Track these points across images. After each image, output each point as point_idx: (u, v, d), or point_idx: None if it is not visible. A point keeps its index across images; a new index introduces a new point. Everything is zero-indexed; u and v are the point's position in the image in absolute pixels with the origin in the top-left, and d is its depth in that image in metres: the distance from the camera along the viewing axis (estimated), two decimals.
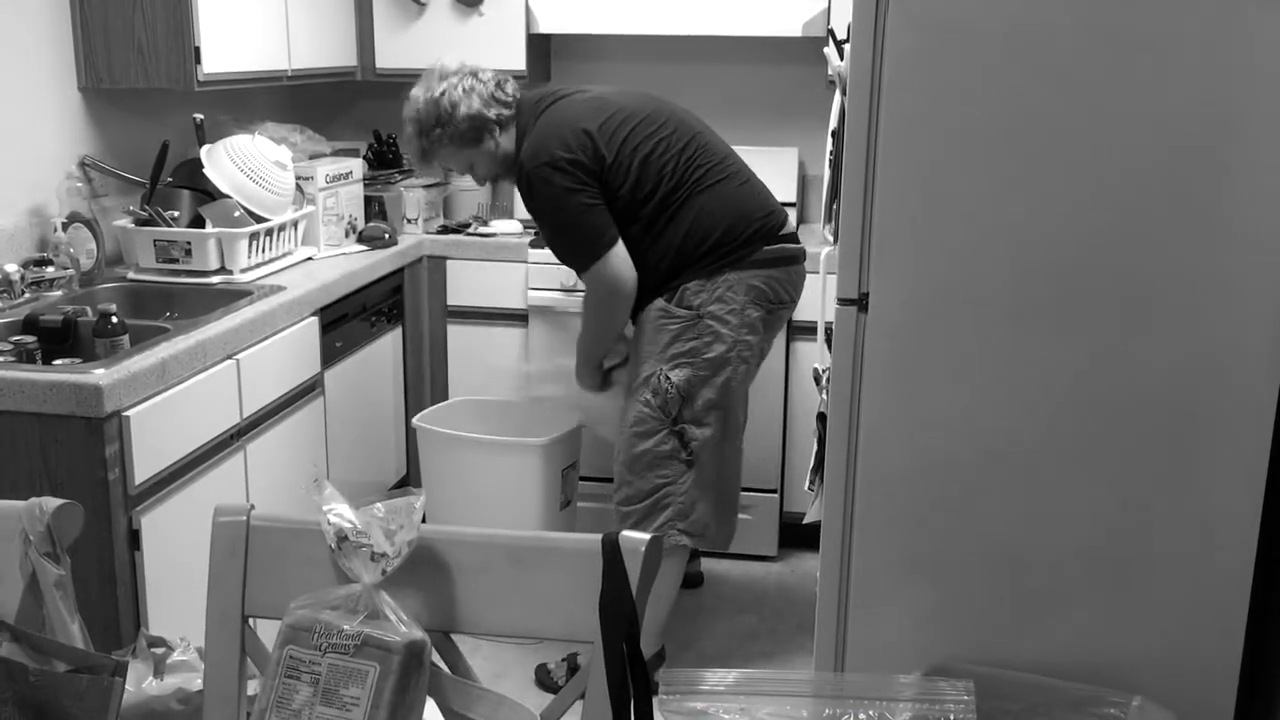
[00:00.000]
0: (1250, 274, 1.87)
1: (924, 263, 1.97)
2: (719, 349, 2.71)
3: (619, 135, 2.70)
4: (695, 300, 2.71)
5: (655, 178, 2.69)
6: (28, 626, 1.27)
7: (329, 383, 3.13)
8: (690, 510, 2.78)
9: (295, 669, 1.16)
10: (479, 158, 2.85)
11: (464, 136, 2.79)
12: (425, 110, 2.81)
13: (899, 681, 1.38)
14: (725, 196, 2.74)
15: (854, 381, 2.03)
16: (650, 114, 2.76)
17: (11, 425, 2.18)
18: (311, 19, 3.57)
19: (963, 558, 2.04)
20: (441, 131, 2.80)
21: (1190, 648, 2.00)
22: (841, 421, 2.06)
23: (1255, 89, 1.81)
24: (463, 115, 2.76)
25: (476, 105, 2.76)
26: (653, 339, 2.75)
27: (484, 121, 2.78)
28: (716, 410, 2.75)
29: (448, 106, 2.77)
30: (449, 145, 2.83)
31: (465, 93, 2.77)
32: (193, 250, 2.98)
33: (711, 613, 3.40)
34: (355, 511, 1.19)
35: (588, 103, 2.77)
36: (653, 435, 2.75)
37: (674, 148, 2.72)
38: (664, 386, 2.72)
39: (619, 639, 1.17)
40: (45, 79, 2.92)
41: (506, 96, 2.81)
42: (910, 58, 1.90)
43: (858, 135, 1.96)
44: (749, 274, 2.74)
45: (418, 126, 2.84)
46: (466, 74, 2.81)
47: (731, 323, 2.72)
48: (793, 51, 3.92)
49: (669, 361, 2.72)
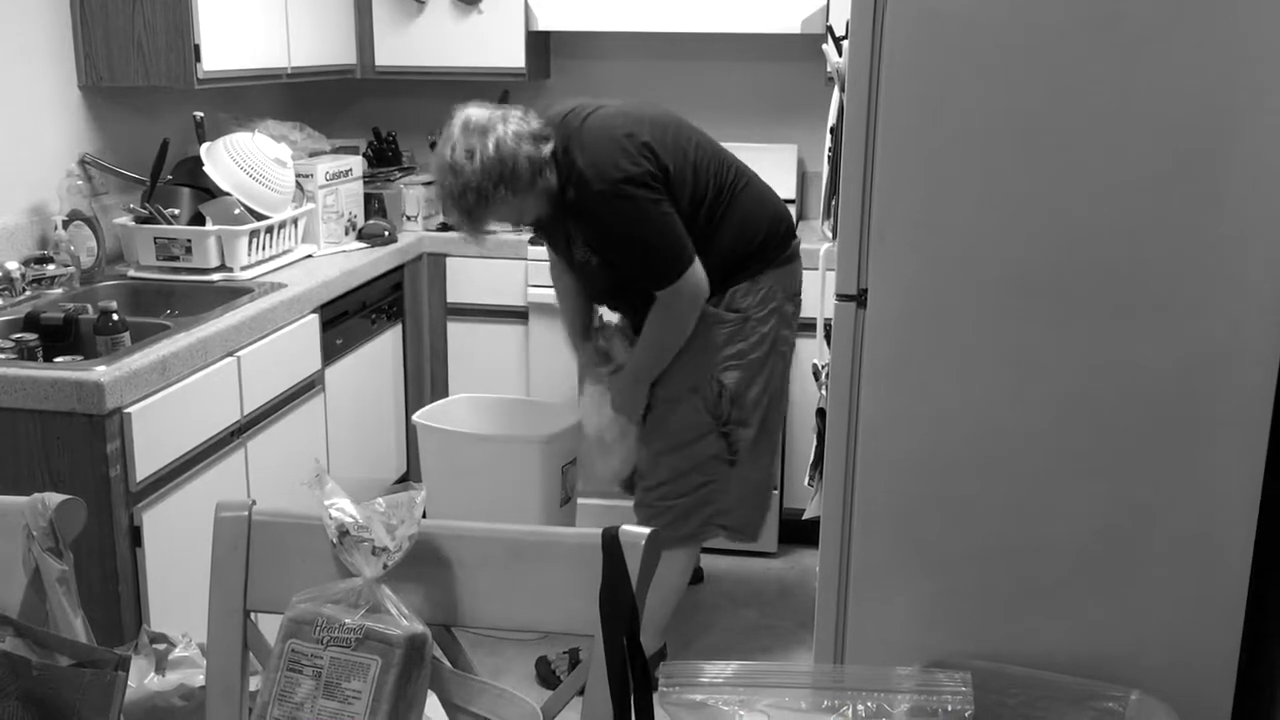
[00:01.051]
0: (1249, 270, 1.87)
1: (923, 259, 1.97)
2: (764, 348, 2.74)
3: (668, 145, 2.61)
4: (744, 303, 2.72)
5: (704, 185, 2.64)
6: (31, 621, 1.28)
7: (329, 380, 3.14)
8: (735, 507, 2.81)
9: (297, 663, 1.17)
10: (532, 201, 2.62)
11: (526, 185, 2.55)
12: (486, 173, 2.52)
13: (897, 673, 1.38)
14: (758, 197, 2.77)
15: (853, 377, 2.04)
16: (675, 123, 2.69)
17: (13, 422, 2.19)
18: (311, 17, 3.57)
19: (962, 553, 2.05)
20: (506, 190, 2.54)
21: (1188, 642, 2.01)
22: (841, 417, 2.06)
23: (1255, 84, 1.81)
24: (524, 164, 2.52)
25: (530, 148, 2.54)
26: (703, 344, 2.72)
27: (540, 162, 2.55)
28: (759, 408, 2.77)
29: (509, 161, 2.51)
30: (510, 200, 2.57)
31: (516, 139, 2.53)
32: (193, 248, 2.99)
33: (712, 609, 3.41)
34: (356, 506, 1.19)
35: (624, 115, 2.63)
36: (702, 438, 2.75)
37: (706, 153, 2.68)
38: (716, 390, 2.72)
39: (619, 633, 1.17)
40: (45, 77, 2.93)
41: (545, 130, 2.59)
42: (908, 54, 1.91)
43: (856, 132, 1.96)
44: (782, 270, 2.78)
45: (479, 194, 2.54)
46: (502, 119, 2.56)
47: (773, 321, 2.74)
48: (791, 48, 3.93)
49: (720, 365, 2.72)
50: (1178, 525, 1.98)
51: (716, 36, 3.98)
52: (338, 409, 3.20)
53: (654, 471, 2.82)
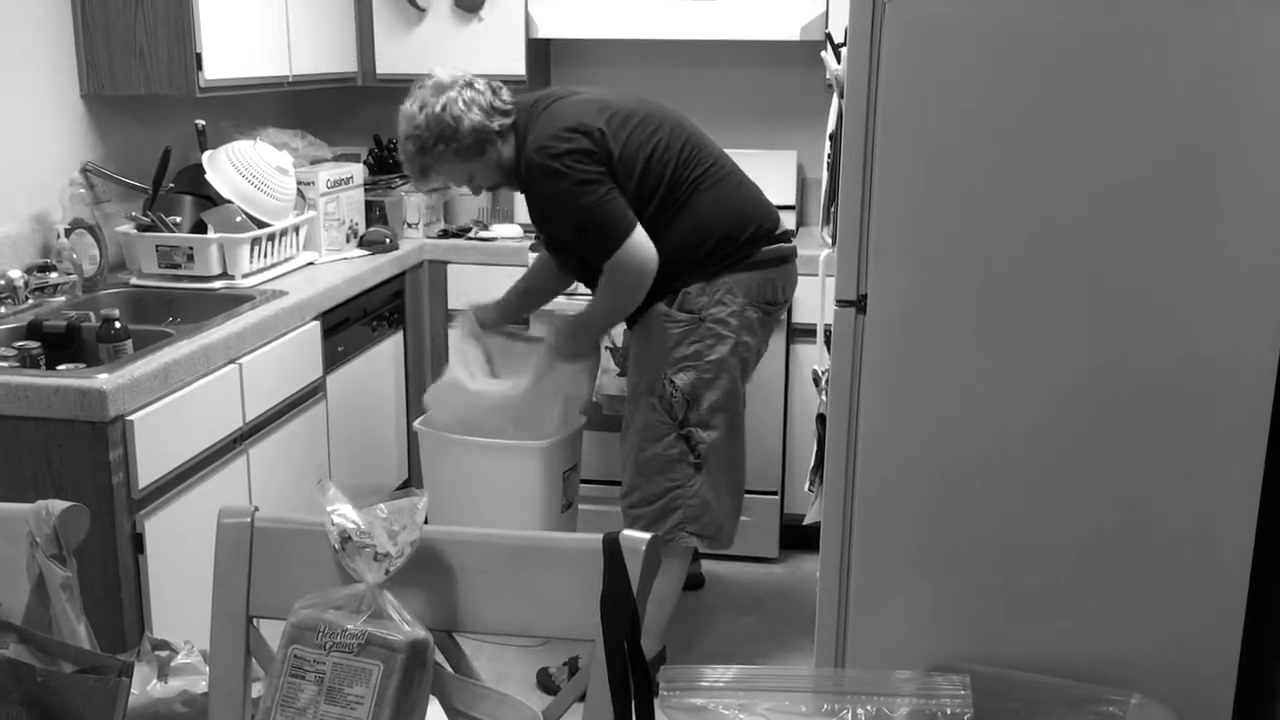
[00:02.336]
0: (1247, 274, 1.88)
1: (922, 264, 1.98)
2: (721, 351, 2.73)
3: (623, 133, 2.69)
4: (696, 304, 2.72)
5: (657, 177, 2.70)
6: (35, 628, 1.29)
7: (331, 387, 3.15)
8: (702, 512, 2.80)
9: (300, 668, 1.17)
10: (481, 169, 2.80)
11: (469, 150, 2.73)
12: (428, 126, 2.73)
13: (897, 677, 1.39)
14: (723, 197, 2.76)
15: (853, 383, 2.05)
16: (647, 114, 2.76)
17: (16, 430, 2.19)
18: (312, 25, 3.58)
19: (962, 558, 2.05)
20: (445, 147, 2.73)
21: (1188, 645, 2.01)
22: (841, 423, 2.07)
23: (1252, 88, 1.82)
24: (467, 128, 2.70)
25: (479, 116, 2.70)
26: (656, 344, 2.77)
27: (488, 132, 2.72)
28: (722, 412, 2.77)
29: (450, 121, 2.70)
30: (452, 159, 2.76)
31: (466, 105, 2.70)
32: (195, 255, 3.00)
33: (712, 614, 3.41)
34: (358, 512, 1.20)
35: (587, 102, 2.75)
36: (661, 439, 2.76)
37: (673, 148, 2.73)
38: (669, 391, 2.73)
39: (620, 638, 1.18)
40: (48, 86, 2.94)
41: (505, 105, 2.76)
42: (907, 61, 1.92)
43: (855, 138, 1.97)
44: (747, 275, 2.75)
45: (418, 143, 2.76)
46: (463, 85, 2.74)
47: (732, 324, 2.73)
48: (791, 55, 3.94)
49: (673, 366, 2.74)
50: (1177, 528, 1.98)
51: (716, 44, 3.99)
52: (339, 416, 3.20)
53: (626, 476, 2.85)
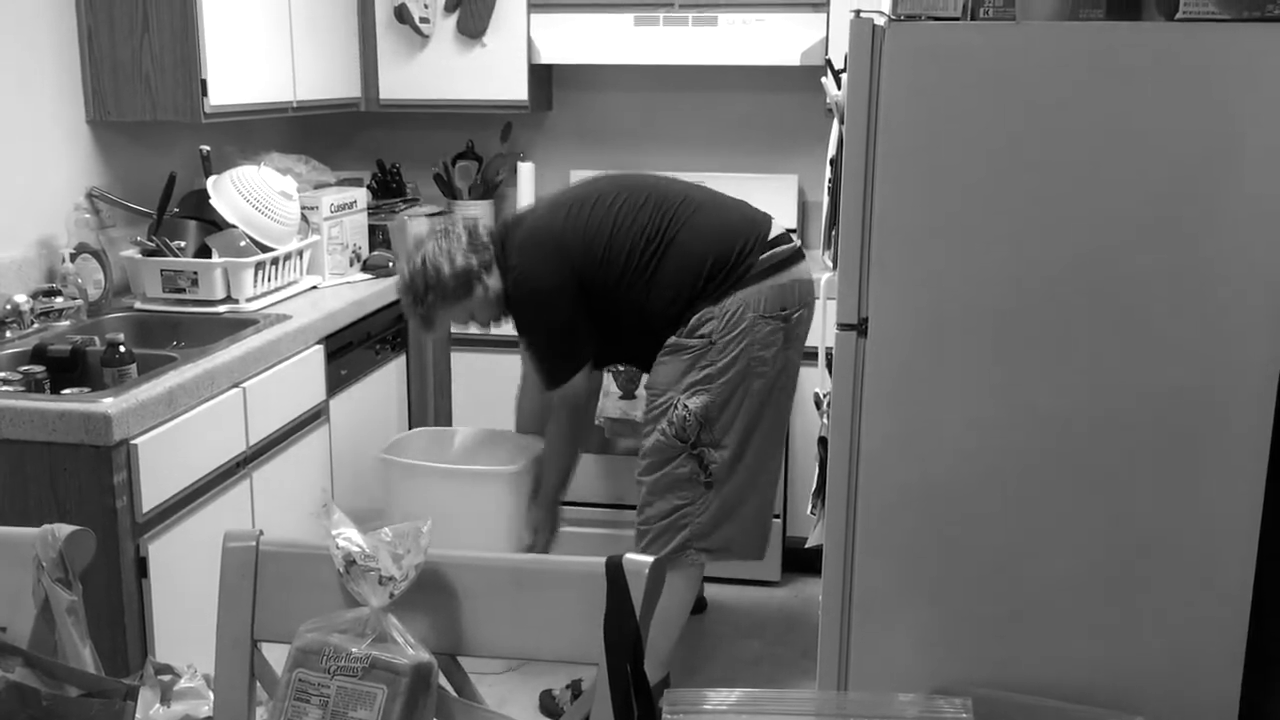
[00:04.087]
0: (1247, 296, 1.89)
1: (923, 288, 1.99)
2: (733, 370, 2.75)
3: (579, 226, 2.82)
4: (706, 328, 2.75)
5: (629, 242, 2.80)
6: (40, 652, 1.29)
7: (334, 410, 3.15)
8: (711, 530, 2.81)
9: (304, 692, 1.18)
10: (477, 306, 2.91)
11: (456, 292, 2.86)
12: (413, 281, 2.88)
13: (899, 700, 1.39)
14: (700, 227, 2.81)
15: (854, 406, 2.05)
16: (600, 194, 2.89)
17: (21, 454, 2.20)
18: (316, 51, 3.61)
19: (965, 581, 2.06)
20: (434, 295, 2.86)
21: (1191, 668, 2.01)
22: (842, 446, 2.07)
23: (1249, 115, 1.84)
24: (448, 275, 2.83)
25: (459, 260, 2.84)
26: (668, 371, 2.80)
27: (470, 273, 2.85)
28: (737, 430, 2.78)
29: (432, 272, 2.84)
30: (445, 305, 2.89)
31: (444, 252, 2.85)
32: (199, 280, 3.01)
33: (715, 638, 3.40)
34: (363, 536, 1.20)
35: (538, 222, 2.90)
36: (672, 461, 2.78)
37: (635, 209, 2.83)
38: (681, 415, 2.76)
39: (623, 661, 1.18)
40: (53, 112, 2.96)
41: (482, 241, 2.89)
42: (906, 87, 1.93)
43: (855, 163, 1.98)
44: (754, 289, 2.77)
45: (411, 297, 2.90)
46: (439, 235, 2.90)
47: (743, 342, 2.75)
48: (792, 80, 3.96)
49: (686, 390, 2.76)
50: (1180, 551, 1.98)
51: (718, 69, 4.02)
52: (342, 439, 3.21)
53: (640, 496, 2.88)
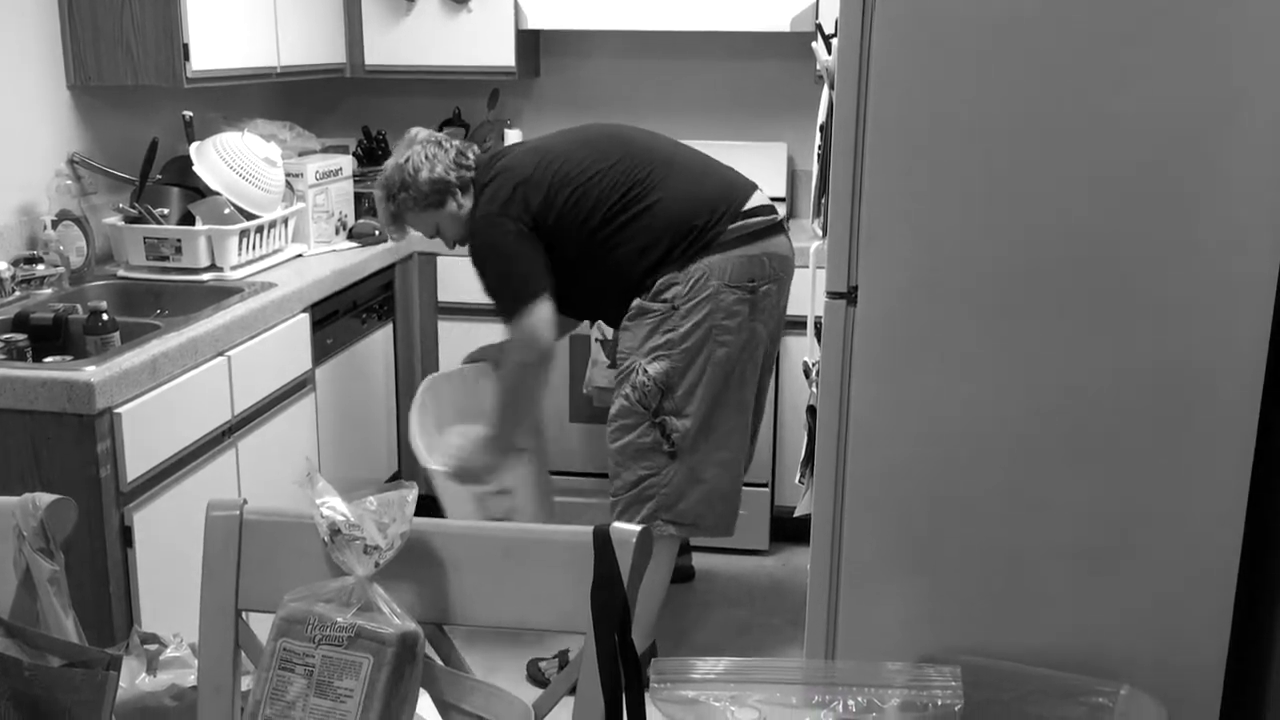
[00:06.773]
0: (1238, 270, 1.88)
1: (912, 256, 1.98)
2: (694, 337, 2.75)
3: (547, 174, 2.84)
4: (669, 293, 2.76)
5: (596, 200, 2.81)
6: (22, 622, 1.28)
7: (320, 379, 3.14)
8: (677, 500, 2.80)
9: (289, 661, 1.17)
10: (443, 219, 2.97)
11: (427, 199, 2.93)
12: (391, 176, 2.96)
13: (888, 668, 1.39)
14: (674, 190, 2.82)
15: (843, 374, 2.05)
16: (581, 148, 2.90)
17: (3, 423, 2.18)
18: (300, 16, 3.57)
19: (953, 549, 2.06)
20: (406, 195, 2.94)
21: (1178, 637, 2.02)
22: (831, 415, 2.07)
23: (1245, 84, 1.82)
24: (425, 179, 2.91)
25: (439, 170, 2.91)
26: (632, 335, 2.81)
27: (445, 185, 2.92)
28: (700, 400, 2.77)
29: (411, 171, 2.92)
30: (414, 208, 2.96)
31: (428, 159, 2.92)
32: (183, 247, 2.98)
33: (703, 607, 3.41)
34: (348, 504, 1.19)
35: (513, 161, 2.93)
36: (634, 429, 2.79)
37: (614, 167, 2.84)
38: (641, 380, 2.76)
39: (610, 630, 1.18)
40: (34, 77, 2.92)
41: (468, 161, 2.96)
42: (897, 52, 1.91)
43: (845, 130, 1.97)
44: (722, 256, 2.76)
45: (385, 191, 2.99)
46: (431, 142, 2.96)
47: (706, 309, 2.74)
48: (781, 46, 3.93)
49: (646, 355, 2.77)
50: (1168, 521, 1.98)
51: (706, 35, 3.99)
52: (328, 408, 3.20)
53: (609, 464, 2.90)
